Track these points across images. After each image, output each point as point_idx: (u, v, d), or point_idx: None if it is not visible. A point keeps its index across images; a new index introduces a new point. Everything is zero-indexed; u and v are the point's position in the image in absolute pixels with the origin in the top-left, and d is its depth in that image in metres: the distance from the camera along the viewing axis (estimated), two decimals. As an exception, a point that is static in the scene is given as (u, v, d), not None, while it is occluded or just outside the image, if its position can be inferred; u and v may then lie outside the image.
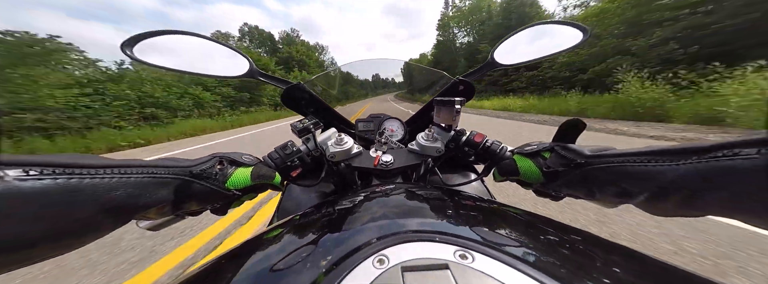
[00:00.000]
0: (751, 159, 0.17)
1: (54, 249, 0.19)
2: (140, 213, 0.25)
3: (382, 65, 0.94)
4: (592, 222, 1.69)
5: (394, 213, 0.26)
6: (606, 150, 0.31)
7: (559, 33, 0.56)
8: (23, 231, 0.17)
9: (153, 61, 0.44)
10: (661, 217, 0.26)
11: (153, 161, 0.27)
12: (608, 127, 5.63)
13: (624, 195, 0.27)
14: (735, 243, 1.44)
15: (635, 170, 0.25)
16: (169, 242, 1.72)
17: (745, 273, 1.22)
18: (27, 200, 0.17)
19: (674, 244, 1.45)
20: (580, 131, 0.36)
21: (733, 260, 1.32)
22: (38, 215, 0.17)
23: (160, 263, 1.52)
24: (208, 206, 0.35)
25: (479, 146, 0.47)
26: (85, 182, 0.20)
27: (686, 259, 1.34)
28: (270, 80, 0.58)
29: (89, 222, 0.20)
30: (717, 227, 1.58)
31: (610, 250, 0.22)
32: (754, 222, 0.19)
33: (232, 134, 9.34)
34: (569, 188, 0.35)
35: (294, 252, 0.21)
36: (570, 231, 0.24)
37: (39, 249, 0.18)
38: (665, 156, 0.23)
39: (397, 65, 0.99)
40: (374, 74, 1.09)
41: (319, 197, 0.63)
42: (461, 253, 0.17)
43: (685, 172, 0.21)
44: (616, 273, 0.18)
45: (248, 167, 0.39)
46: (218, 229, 1.87)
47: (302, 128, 0.47)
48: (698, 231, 1.55)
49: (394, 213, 0.26)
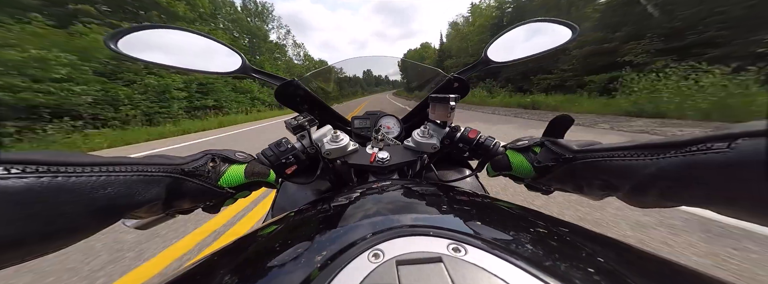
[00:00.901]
0: (723, 153, 0.18)
1: (38, 249, 0.19)
2: (129, 211, 0.24)
3: (378, 62, 0.94)
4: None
5: (389, 208, 0.26)
6: (592, 145, 0.32)
7: (550, 31, 0.56)
8: (5, 230, 0.16)
9: (140, 57, 0.42)
10: (641, 208, 0.27)
11: (142, 158, 0.27)
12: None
13: (608, 188, 0.28)
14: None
15: (618, 165, 0.26)
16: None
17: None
18: (8, 199, 0.16)
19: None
20: (568, 126, 0.38)
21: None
22: (21, 214, 0.17)
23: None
24: (200, 204, 0.34)
25: (473, 142, 0.48)
26: (71, 180, 0.19)
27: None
28: (263, 76, 0.57)
29: (75, 222, 0.20)
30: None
31: (599, 242, 0.22)
32: (726, 212, 0.20)
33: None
34: (558, 182, 0.36)
35: (289, 248, 0.21)
36: (560, 224, 0.25)
37: (22, 249, 0.18)
38: (646, 150, 0.24)
39: (393, 62, 0.99)
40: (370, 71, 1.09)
41: (314, 195, 0.63)
42: (454, 246, 0.18)
43: (664, 166, 0.21)
44: (604, 264, 0.18)
45: (242, 164, 0.38)
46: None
47: (297, 125, 0.46)
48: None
49: (389, 208, 0.26)
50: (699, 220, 1.61)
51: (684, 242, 1.42)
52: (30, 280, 1.37)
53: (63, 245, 0.20)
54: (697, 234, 1.48)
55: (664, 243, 1.41)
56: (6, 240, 0.17)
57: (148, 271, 1.43)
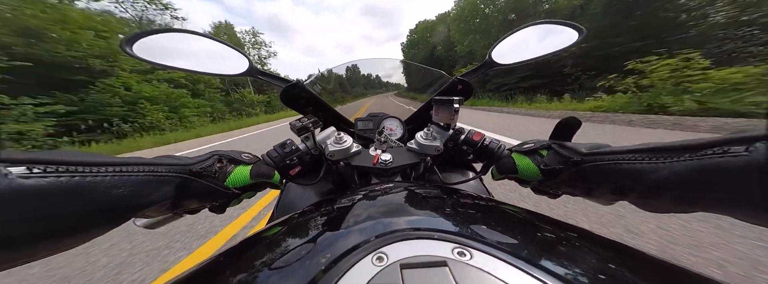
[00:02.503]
0: (741, 157, 0.17)
1: (52, 248, 0.19)
2: (139, 211, 0.25)
3: (381, 64, 0.94)
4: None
5: (393, 211, 0.26)
6: (601, 148, 0.31)
7: (556, 32, 0.56)
8: (25, 229, 0.17)
9: (153, 60, 0.43)
10: (655, 213, 0.26)
11: (153, 159, 0.27)
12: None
13: (619, 192, 0.28)
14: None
15: (629, 168, 0.25)
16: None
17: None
18: (30, 198, 0.17)
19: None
20: (576, 128, 0.37)
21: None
22: (40, 213, 0.17)
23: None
24: (207, 204, 0.35)
25: (477, 145, 0.47)
26: (87, 180, 0.20)
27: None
28: (269, 78, 0.57)
29: (88, 221, 0.20)
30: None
31: (606, 247, 0.22)
32: (744, 218, 0.19)
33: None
34: (566, 185, 0.35)
35: (293, 250, 0.21)
36: (566, 228, 0.25)
37: (39, 247, 0.18)
38: (659, 154, 0.23)
39: (396, 64, 0.99)
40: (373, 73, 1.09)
41: (318, 196, 0.63)
42: (459, 250, 0.17)
43: (678, 170, 0.21)
44: (612, 268, 0.18)
45: (247, 165, 0.38)
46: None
47: (301, 127, 0.47)
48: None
49: (393, 211, 0.26)
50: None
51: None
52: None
53: (74, 244, 0.21)
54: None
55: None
56: (26, 237, 0.17)
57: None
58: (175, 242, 1.72)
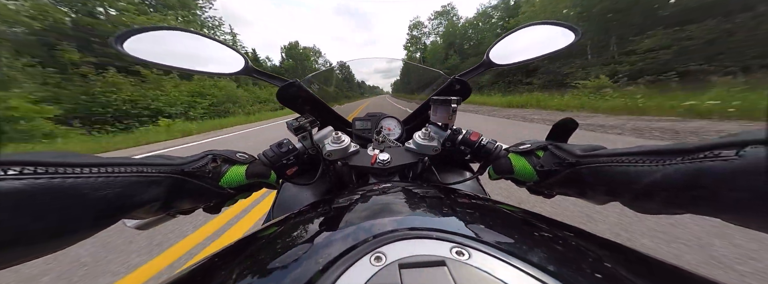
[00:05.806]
0: (730, 161, 0.17)
1: (35, 250, 0.19)
2: (129, 212, 0.24)
3: (380, 64, 0.94)
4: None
5: (390, 210, 0.26)
6: (596, 150, 0.31)
7: (553, 33, 0.56)
8: (6, 233, 0.16)
9: (146, 58, 0.43)
10: (646, 215, 0.27)
11: (143, 159, 0.26)
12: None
13: (612, 194, 0.28)
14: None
15: (623, 171, 0.25)
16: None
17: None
18: (6, 201, 0.16)
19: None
20: (572, 130, 0.37)
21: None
22: (18, 216, 0.17)
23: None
24: (200, 205, 0.34)
25: (475, 145, 0.47)
26: (69, 181, 0.19)
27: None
28: (265, 77, 0.57)
29: (74, 223, 0.20)
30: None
31: (603, 246, 0.22)
32: (734, 221, 0.19)
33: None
34: (561, 186, 0.35)
35: (290, 251, 0.21)
36: (563, 227, 0.25)
37: (19, 250, 0.18)
38: (652, 157, 0.23)
39: (395, 64, 0.99)
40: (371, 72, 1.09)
41: (315, 196, 0.63)
42: (457, 250, 0.17)
43: (671, 173, 0.21)
44: (608, 267, 0.18)
45: (243, 165, 0.38)
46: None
47: (298, 126, 0.46)
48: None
49: (390, 210, 0.26)
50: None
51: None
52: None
53: (61, 245, 0.20)
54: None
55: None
56: (2, 241, 0.16)
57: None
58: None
